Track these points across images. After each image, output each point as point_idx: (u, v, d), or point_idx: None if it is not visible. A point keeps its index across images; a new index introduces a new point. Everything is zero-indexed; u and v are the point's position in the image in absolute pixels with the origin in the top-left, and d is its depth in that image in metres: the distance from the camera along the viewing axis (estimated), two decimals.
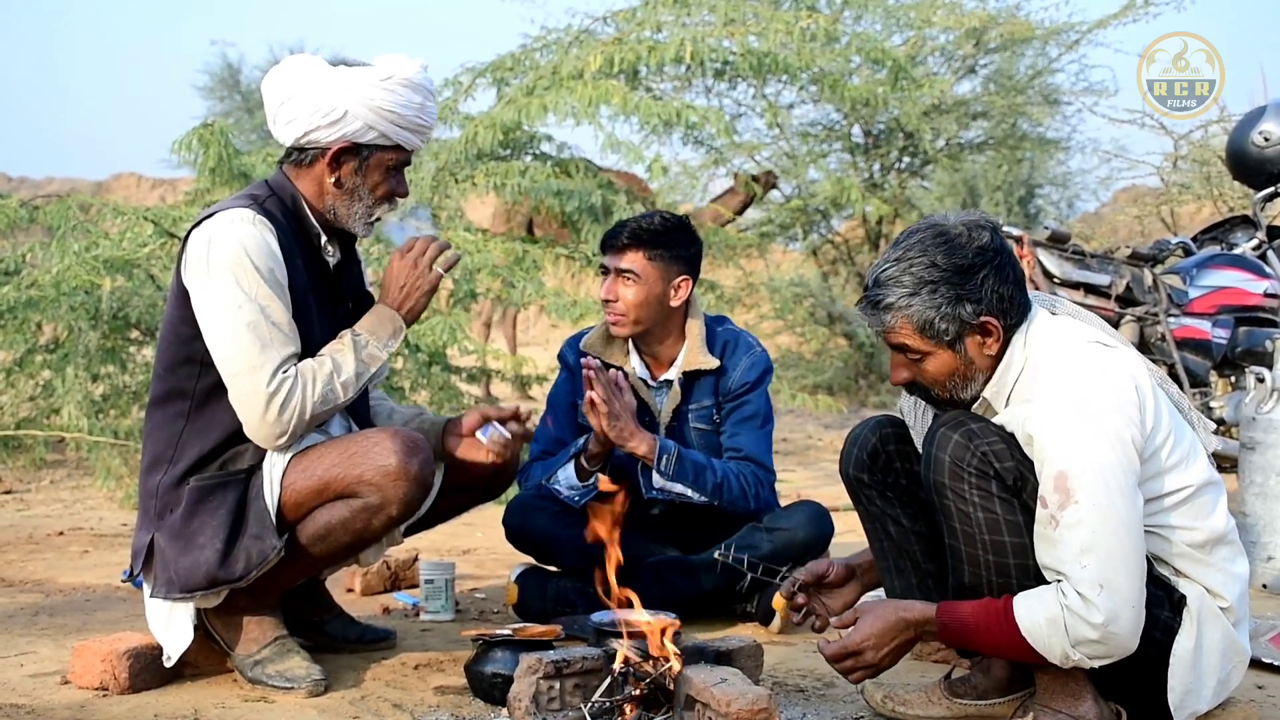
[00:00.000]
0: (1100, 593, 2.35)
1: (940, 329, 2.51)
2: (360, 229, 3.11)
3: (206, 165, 6.29)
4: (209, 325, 2.88)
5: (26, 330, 6.31)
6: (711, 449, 3.75)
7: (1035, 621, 2.42)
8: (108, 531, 5.29)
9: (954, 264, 2.50)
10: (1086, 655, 2.40)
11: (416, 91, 3.02)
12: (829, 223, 13.45)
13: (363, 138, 3.00)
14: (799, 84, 9.87)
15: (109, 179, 28.09)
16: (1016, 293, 2.55)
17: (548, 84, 7.25)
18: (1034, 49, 12.76)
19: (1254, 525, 4.29)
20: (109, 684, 2.92)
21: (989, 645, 2.52)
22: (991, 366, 2.57)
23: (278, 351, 2.86)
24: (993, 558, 2.50)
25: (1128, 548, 2.38)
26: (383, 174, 3.07)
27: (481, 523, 5.09)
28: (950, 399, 2.62)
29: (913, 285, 2.51)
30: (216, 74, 26.86)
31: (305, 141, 3.02)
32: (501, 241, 7.10)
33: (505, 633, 2.94)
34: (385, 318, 3.08)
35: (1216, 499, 2.59)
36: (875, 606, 2.59)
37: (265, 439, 2.90)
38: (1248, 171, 6.36)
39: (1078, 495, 2.37)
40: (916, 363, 2.58)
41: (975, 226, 2.54)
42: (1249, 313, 5.97)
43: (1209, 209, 10.98)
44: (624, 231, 3.68)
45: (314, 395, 2.90)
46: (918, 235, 2.56)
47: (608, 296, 3.68)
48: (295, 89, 2.99)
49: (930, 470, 2.56)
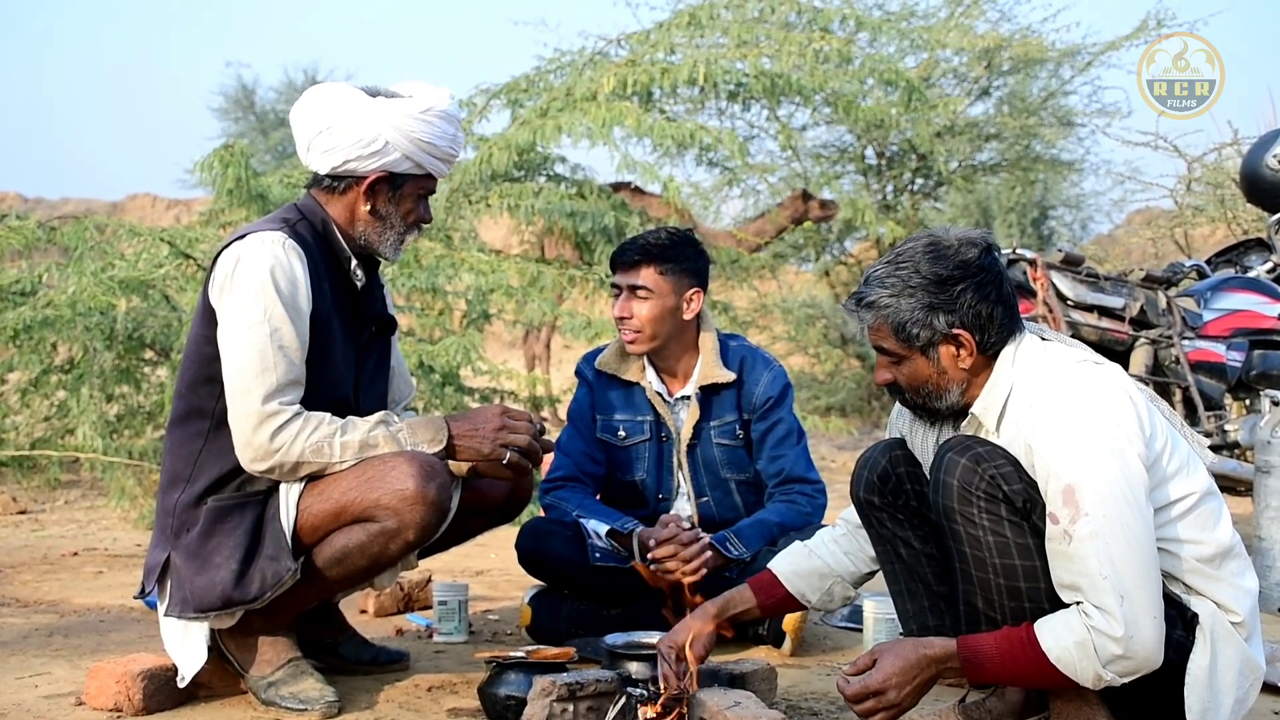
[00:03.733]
0: (1121, 604, 2.35)
1: (913, 334, 2.57)
2: (391, 254, 3.15)
3: (225, 186, 6.33)
4: (222, 340, 2.91)
5: (42, 350, 6.34)
6: (736, 463, 3.78)
7: (1064, 647, 2.41)
8: (122, 552, 5.30)
9: (935, 273, 2.56)
10: (1117, 673, 2.39)
11: (450, 123, 3.08)
12: (842, 244, 13.47)
13: (398, 168, 3.04)
14: (812, 105, 9.90)
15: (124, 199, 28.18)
16: (998, 311, 2.58)
17: (561, 105, 7.29)
18: (1047, 70, 12.78)
19: (1269, 549, 4.27)
20: (123, 705, 2.92)
21: (1014, 676, 2.50)
22: (966, 379, 2.60)
23: (276, 376, 2.87)
24: (1004, 581, 2.50)
25: (1142, 558, 2.38)
26: (414, 202, 3.11)
27: (495, 544, 5.09)
28: (925, 406, 2.66)
29: (895, 288, 2.57)
30: (231, 95, 27.06)
31: (343, 170, 3.05)
32: (516, 262, 7.12)
33: (519, 655, 2.93)
34: (435, 428, 3.03)
35: (1220, 511, 2.59)
36: (895, 645, 2.57)
37: (247, 459, 2.89)
38: (1262, 194, 6.35)
39: (1087, 508, 2.38)
40: (895, 365, 2.64)
41: (967, 242, 2.59)
42: (1264, 336, 5.94)
43: (1223, 231, 10.96)
44: (633, 248, 3.70)
45: (309, 439, 2.89)
46: (912, 243, 2.64)
47: (622, 314, 3.69)
48: (335, 119, 3.01)
49: (938, 495, 2.56)
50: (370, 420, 2.97)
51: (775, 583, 2.97)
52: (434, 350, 6.18)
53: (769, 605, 2.99)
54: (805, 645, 3.68)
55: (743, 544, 3.57)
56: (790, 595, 2.97)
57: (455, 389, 6.54)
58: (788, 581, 2.96)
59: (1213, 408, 5.83)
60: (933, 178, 12.92)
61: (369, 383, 3.23)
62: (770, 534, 3.62)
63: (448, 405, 6.35)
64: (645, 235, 3.76)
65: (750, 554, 3.56)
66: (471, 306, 7.19)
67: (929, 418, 2.72)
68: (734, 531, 3.60)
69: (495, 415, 3.07)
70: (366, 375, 3.22)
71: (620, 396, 3.84)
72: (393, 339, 3.35)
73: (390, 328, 3.30)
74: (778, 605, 3.01)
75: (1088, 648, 2.38)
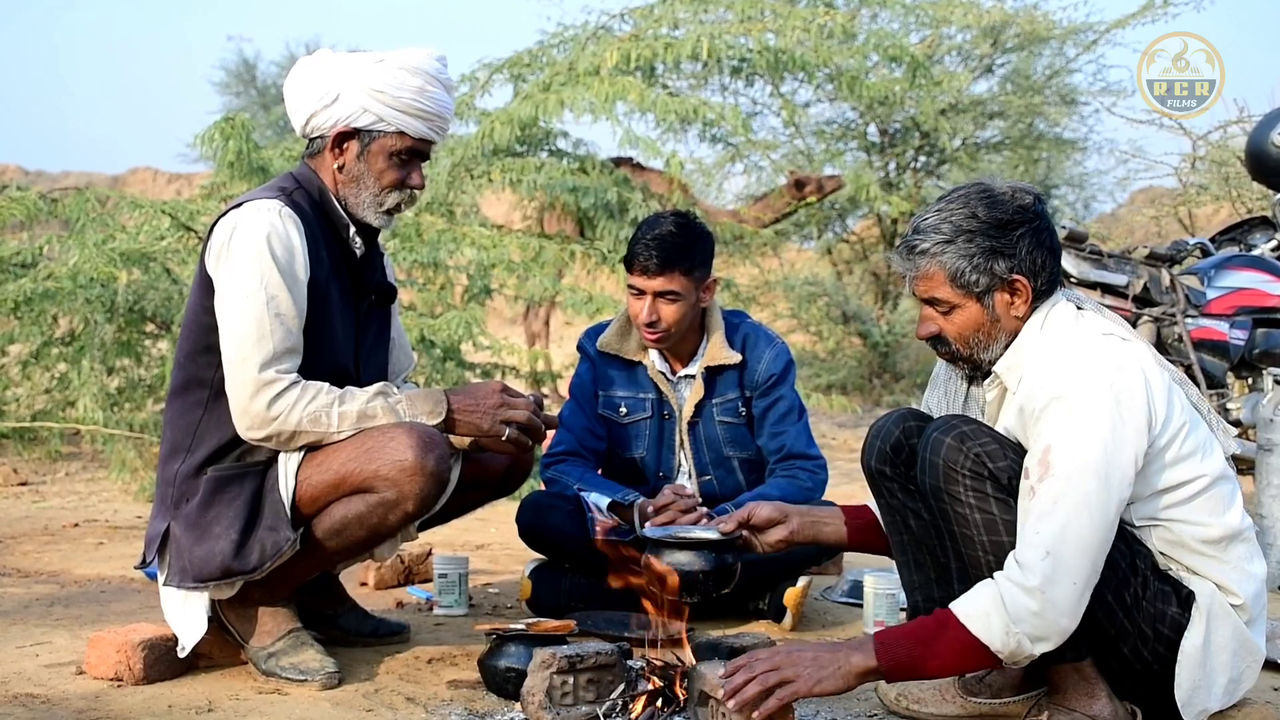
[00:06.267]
0: (1044, 559, 2.34)
1: (971, 279, 2.55)
2: (374, 218, 3.09)
3: (226, 159, 6.31)
4: (219, 308, 2.90)
5: (43, 322, 6.34)
6: (739, 441, 3.78)
7: (975, 603, 2.40)
8: (122, 523, 5.30)
9: (994, 217, 2.54)
10: (1027, 635, 2.37)
11: (415, 75, 3.01)
12: (844, 221, 13.44)
13: (358, 121, 3.01)
14: (815, 82, 9.87)
15: (125, 173, 28.16)
16: (1050, 261, 2.57)
17: (564, 80, 7.26)
18: (1051, 49, 12.74)
19: (1271, 527, 4.27)
20: (124, 674, 2.92)
21: (935, 654, 2.43)
22: (1015, 330, 2.59)
23: (273, 344, 2.86)
24: (993, 558, 2.49)
25: (1088, 530, 2.37)
26: (386, 160, 3.05)
27: (495, 518, 5.10)
28: (971, 358, 2.63)
29: (950, 233, 2.55)
30: (233, 69, 27.04)
31: (311, 129, 3.06)
32: (518, 237, 7.10)
33: (519, 627, 2.94)
34: (434, 401, 3.01)
35: (1233, 495, 2.58)
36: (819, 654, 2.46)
37: (244, 427, 2.89)
38: (1267, 172, 6.33)
39: (1055, 469, 2.38)
40: (944, 315, 2.61)
41: (1020, 190, 2.59)
42: (1267, 314, 5.93)
43: (1227, 210, 10.93)
44: (654, 253, 3.60)
45: (307, 408, 2.87)
46: (963, 190, 2.62)
47: (650, 319, 3.64)
48: (301, 79, 3.06)
49: (925, 475, 2.57)
50: (368, 391, 2.96)
51: (866, 509, 2.95)
52: (435, 325, 6.16)
53: (856, 526, 2.94)
54: (805, 620, 3.68)
55: None
56: (879, 524, 2.91)
57: (456, 364, 6.53)
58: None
59: (1215, 386, 5.82)
60: (936, 155, 12.90)
61: (369, 353, 3.22)
62: None
63: (449, 380, 6.34)
64: (659, 233, 3.64)
65: None
66: (473, 281, 7.18)
67: (971, 371, 2.68)
68: (735, 505, 3.59)
69: (494, 391, 3.06)
70: (366, 345, 3.20)
71: (622, 373, 3.84)
72: (393, 309, 3.33)
73: (390, 296, 3.27)
74: (864, 531, 2.95)
75: (998, 601, 2.37)
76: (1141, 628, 2.51)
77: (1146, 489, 2.52)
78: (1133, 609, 2.51)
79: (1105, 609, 2.49)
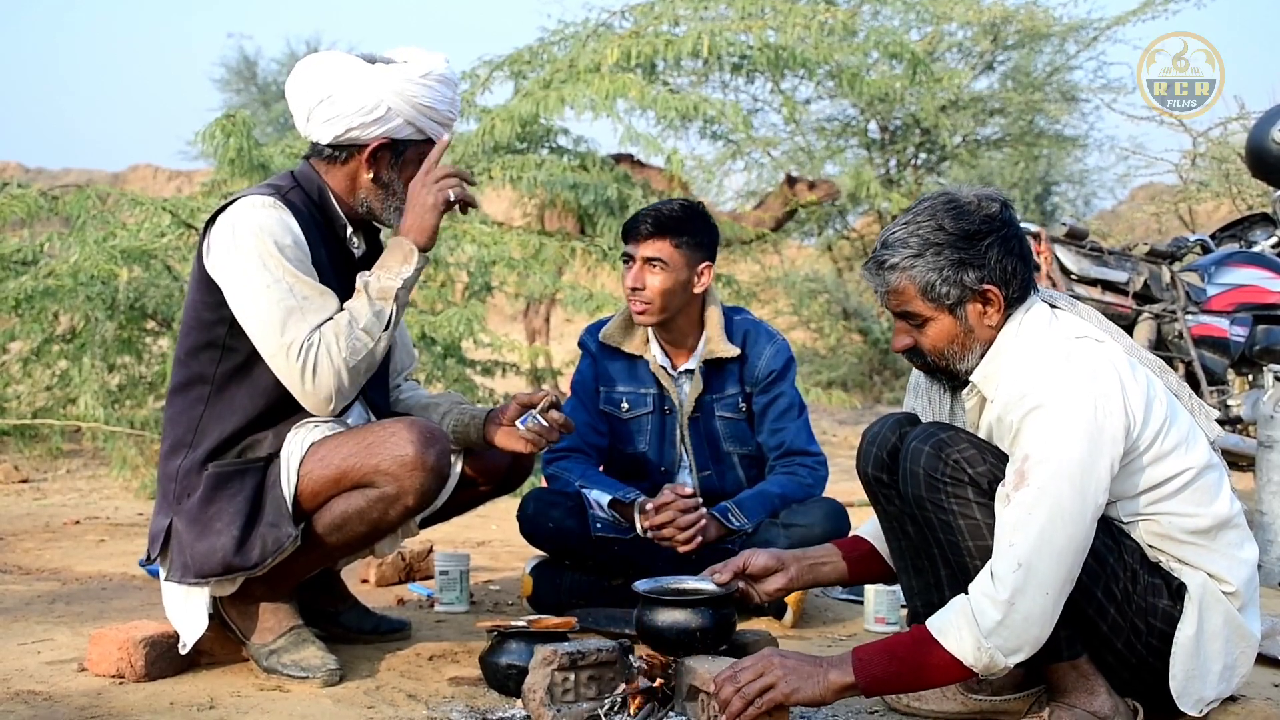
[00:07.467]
0: (1015, 570, 2.34)
1: (942, 292, 2.53)
2: (395, 221, 3.10)
3: (226, 156, 6.31)
4: (242, 311, 2.89)
5: (44, 320, 6.35)
6: (739, 437, 3.78)
7: (946, 618, 2.40)
8: (124, 520, 5.31)
9: (961, 229, 2.52)
10: (999, 649, 2.36)
11: (449, 86, 3.06)
12: (844, 218, 13.44)
13: (400, 134, 3.02)
14: (816, 78, 9.87)
15: (126, 170, 28.18)
16: (1021, 268, 2.56)
17: (565, 77, 7.26)
18: (1052, 45, 12.75)
19: (1271, 523, 4.27)
20: (125, 671, 2.93)
21: (911, 670, 2.43)
22: (990, 339, 2.58)
23: (307, 323, 2.86)
24: (980, 563, 2.48)
25: (1062, 540, 2.36)
26: (416, 167, 3.07)
27: (496, 515, 5.10)
28: (947, 369, 2.62)
29: (918, 247, 2.53)
30: (233, 67, 27.03)
31: (345, 139, 3.02)
32: (518, 234, 7.11)
33: (520, 624, 2.94)
34: (394, 245, 3.02)
35: (1220, 483, 2.58)
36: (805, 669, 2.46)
37: (315, 409, 2.92)
38: (1267, 169, 6.33)
39: (1031, 479, 2.38)
40: (918, 328, 2.59)
41: (986, 198, 2.57)
42: (1267, 310, 5.94)
43: (1227, 206, 10.93)
44: (649, 219, 3.67)
45: (341, 352, 2.88)
46: (929, 201, 2.60)
47: (635, 284, 3.67)
48: (335, 88, 2.98)
49: (908, 485, 2.57)
50: (357, 296, 2.95)
51: (860, 540, 2.94)
52: (436, 322, 6.17)
53: (854, 559, 2.91)
54: (806, 617, 3.68)
55: (744, 515, 3.57)
56: (876, 551, 2.90)
57: (457, 360, 6.54)
58: (875, 540, 2.90)
59: (1216, 382, 5.83)
60: (936, 152, 12.91)
61: None
62: (772, 505, 3.62)
63: (450, 377, 6.35)
64: (659, 206, 3.72)
65: (752, 525, 3.56)
66: (473, 278, 7.18)
67: (949, 381, 2.69)
68: (735, 503, 3.60)
69: (417, 183, 3.02)
70: None
71: (623, 369, 3.84)
72: None
73: None
74: (863, 562, 2.92)
75: (967, 613, 2.37)
76: (1134, 622, 2.51)
77: (1130, 488, 2.52)
78: (1124, 604, 2.51)
79: (1096, 606, 2.49)
